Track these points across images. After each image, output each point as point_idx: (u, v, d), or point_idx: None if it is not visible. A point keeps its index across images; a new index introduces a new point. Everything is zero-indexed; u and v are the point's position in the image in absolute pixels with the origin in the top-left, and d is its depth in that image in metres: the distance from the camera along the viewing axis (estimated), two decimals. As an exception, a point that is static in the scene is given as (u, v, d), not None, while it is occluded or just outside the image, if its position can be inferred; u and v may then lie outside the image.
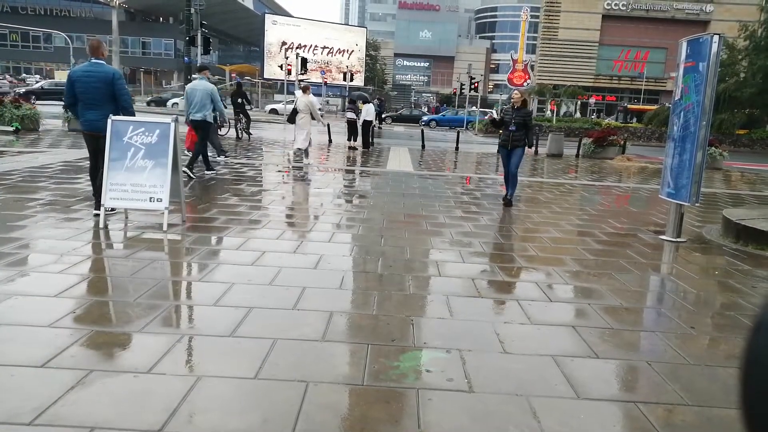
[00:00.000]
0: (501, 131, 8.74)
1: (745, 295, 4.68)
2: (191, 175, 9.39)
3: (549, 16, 57.02)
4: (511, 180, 8.62)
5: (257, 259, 4.93)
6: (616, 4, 55.04)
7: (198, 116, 9.70)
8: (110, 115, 5.93)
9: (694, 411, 2.74)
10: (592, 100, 53.94)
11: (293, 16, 62.68)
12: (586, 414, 2.66)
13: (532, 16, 53.46)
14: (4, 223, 5.62)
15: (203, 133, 9.96)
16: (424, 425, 2.48)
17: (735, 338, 3.74)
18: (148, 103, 41.74)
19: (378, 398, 2.69)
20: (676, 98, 6.79)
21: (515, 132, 8.43)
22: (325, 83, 46.57)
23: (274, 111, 38.20)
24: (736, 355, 3.44)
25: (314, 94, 14.27)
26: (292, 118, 13.15)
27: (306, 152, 12.81)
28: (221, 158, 12.14)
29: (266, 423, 2.43)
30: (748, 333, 0.64)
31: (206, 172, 10.12)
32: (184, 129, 10.12)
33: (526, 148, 8.70)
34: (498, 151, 9.02)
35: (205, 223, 6.25)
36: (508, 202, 8.52)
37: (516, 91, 8.84)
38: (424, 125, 34.58)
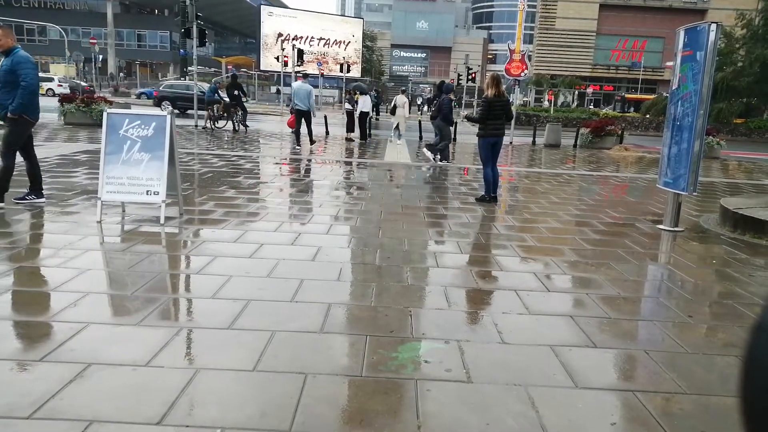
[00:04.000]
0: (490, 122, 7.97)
1: (742, 283, 4.69)
2: (434, 159, 12.59)
3: (546, 5, 56.84)
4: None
5: (255, 251, 4.92)
6: (613, -7, 54.86)
7: (302, 107, 14.16)
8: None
9: (692, 399, 2.75)
10: (589, 90, 53.88)
11: (289, 7, 62.26)
12: (584, 403, 2.67)
13: (529, 6, 53.13)
14: (1, 217, 5.60)
15: (309, 119, 14.41)
16: (422, 416, 2.49)
17: (732, 327, 3.75)
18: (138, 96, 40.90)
19: (377, 389, 2.70)
20: (674, 87, 6.77)
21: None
22: (322, 75, 46.39)
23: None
24: (733, 344, 3.46)
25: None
26: (393, 111, 17.64)
27: (399, 135, 17.13)
28: (442, 162, 12.58)
29: (265, 415, 2.44)
30: (750, 332, 0.64)
31: (438, 161, 12.50)
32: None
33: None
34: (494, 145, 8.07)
35: (204, 216, 6.24)
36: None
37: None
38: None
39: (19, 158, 6.26)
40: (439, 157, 12.60)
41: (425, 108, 51.13)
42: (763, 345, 0.63)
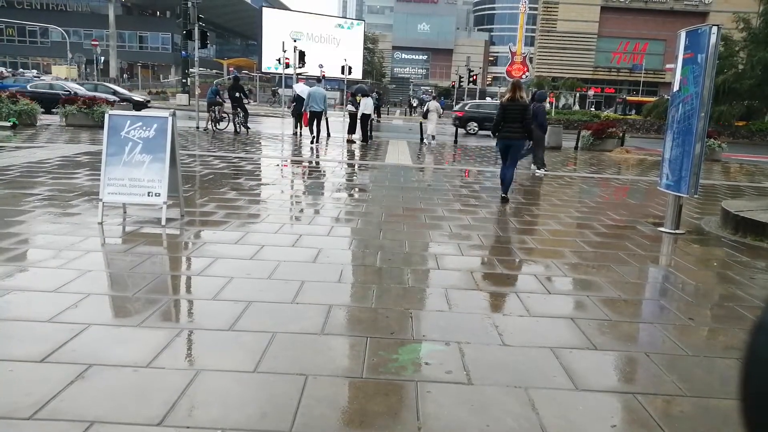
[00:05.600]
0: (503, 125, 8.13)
1: (743, 286, 4.68)
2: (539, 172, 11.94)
3: (547, 7, 56.91)
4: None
5: (256, 252, 4.93)
6: (614, -5, 54.87)
7: (317, 108, 16.10)
8: None
9: (693, 402, 2.75)
10: (590, 93, 53.89)
11: (291, 9, 62.43)
12: (585, 405, 2.67)
13: (530, 8, 53.25)
14: (3, 219, 5.61)
15: (320, 119, 16.24)
16: (423, 417, 2.49)
17: (733, 329, 3.75)
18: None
19: (377, 391, 2.70)
20: (675, 90, 6.78)
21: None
22: (323, 76, 46.46)
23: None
24: (734, 346, 3.45)
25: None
26: (425, 115, 19.39)
27: (433, 137, 18.82)
28: (540, 172, 11.97)
29: (266, 416, 2.44)
30: (750, 333, 0.65)
31: (537, 171, 11.85)
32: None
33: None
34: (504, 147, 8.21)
35: (205, 217, 6.24)
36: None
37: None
38: None
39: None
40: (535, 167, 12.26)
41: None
42: (764, 344, 0.63)
